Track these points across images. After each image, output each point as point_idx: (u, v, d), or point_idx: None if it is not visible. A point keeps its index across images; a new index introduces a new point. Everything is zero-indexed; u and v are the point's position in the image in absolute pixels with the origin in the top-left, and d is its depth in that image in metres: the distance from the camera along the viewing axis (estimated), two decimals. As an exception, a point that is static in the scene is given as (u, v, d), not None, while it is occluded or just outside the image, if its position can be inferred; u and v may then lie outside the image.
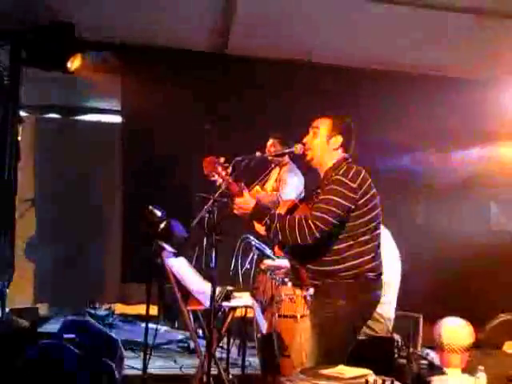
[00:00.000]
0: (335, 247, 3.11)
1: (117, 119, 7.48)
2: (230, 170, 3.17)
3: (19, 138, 6.29)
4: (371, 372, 2.77)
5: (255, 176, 5.21)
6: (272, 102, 6.40)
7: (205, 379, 3.51)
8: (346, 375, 2.71)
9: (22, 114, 6.72)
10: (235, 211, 3.19)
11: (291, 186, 5.36)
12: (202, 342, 4.02)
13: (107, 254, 7.53)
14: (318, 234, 3.01)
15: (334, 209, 3.04)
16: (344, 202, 3.05)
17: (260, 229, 3.34)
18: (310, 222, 3.02)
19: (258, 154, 4.08)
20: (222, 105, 6.58)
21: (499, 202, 6.82)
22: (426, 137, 6.67)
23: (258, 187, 5.33)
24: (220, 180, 3.14)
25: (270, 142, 5.47)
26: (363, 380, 2.65)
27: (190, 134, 6.77)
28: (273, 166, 5.52)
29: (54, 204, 7.30)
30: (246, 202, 3.14)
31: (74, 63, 5.59)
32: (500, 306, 5.99)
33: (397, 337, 4.31)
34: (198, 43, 6.03)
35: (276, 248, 3.85)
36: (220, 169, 3.14)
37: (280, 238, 3.09)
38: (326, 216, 3.02)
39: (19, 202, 6.37)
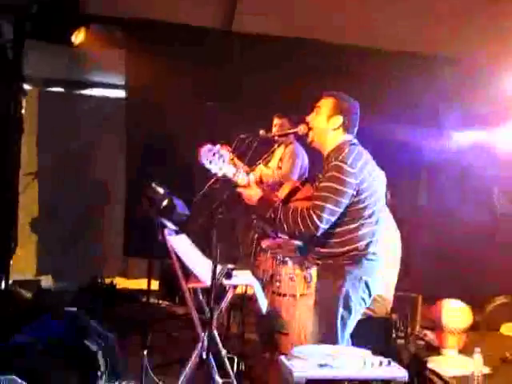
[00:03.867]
0: (337, 230, 3.12)
1: (120, 94, 7.45)
2: (229, 155, 3.16)
3: (23, 112, 6.28)
4: (369, 352, 2.81)
5: (260, 154, 5.19)
6: (277, 80, 6.36)
7: (204, 356, 3.56)
8: (342, 354, 2.74)
9: (26, 87, 6.70)
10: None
11: (294, 165, 5.36)
12: (203, 319, 4.05)
13: (109, 228, 7.56)
14: (322, 224, 3.02)
15: (335, 196, 3.03)
16: (344, 189, 3.03)
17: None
18: (311, 211, 3.02)
19: (261, 132, 4.07)
20: (226, 82, 6.54)
21: (501, 185, 6.81)
22: (430, 118, 6.65)
23: (261, 165, 5.32)
24: (216, 168, 3.13)
25: (275, 121, 5.46)
26: (361, 359, 2.68)
27: (193, 110, 6.75)
28: (277, 145, 5.50)
29: (57, 178, 7.31)
30: (252, 194, 3.18)
31: (78, 37, 5.56)
32: (499, 289, 6.04)
33: (395, 317, 4.35)
34: (203, 19, 5.98)
35: None
36: (217, 157, 3.11)
37: (285, 229, 3.11)
38: (326, 204, 3.02)
39: (22, 175, 6.37)
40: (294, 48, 6.37)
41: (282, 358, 2.79)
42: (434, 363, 4.32)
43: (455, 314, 4.79)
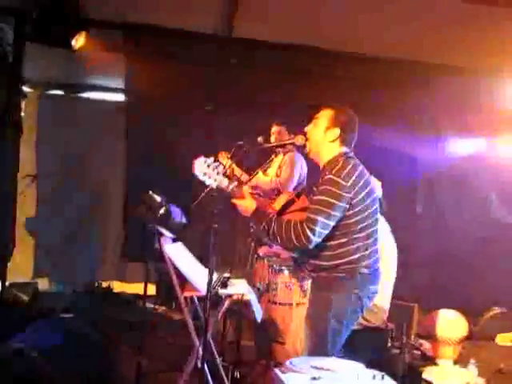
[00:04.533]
0: (330, 243, 3.12)
1: (119, 97, 7.46)
2: (226, 162, 3.17)
3: (22, 114, 6.29)
4: (362, 365, 2.80)
5: (258, 160, 5.20)
6: (276, 86, 6.37)
7: (199, 364, 3.56)
8: (336, 368, 2.74)
9: (25, 89, 6.70)
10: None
11: (293, 173, 5.36)
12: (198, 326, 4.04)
13: (107, 231, 7.55)
14: (315, 237, 3.03)
15: (328, 210, 3.03)
16: (337, 203, 3.04)
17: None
18: (304, 225, 3.03)
19: (259, 139, 4.07)
20: (225, 87, 6.55)
21: (499, 194, 6.81)
22: (426, 126, 6.65)
23: (260, 173, 5.32)
24: (210, 181, 3.14)
25: (274, 129, 5.45)
26: (355, 373, 2.68)
27: (192, 115, 6.77)
28: (274, 154, 5.50)
29: (56, 180, 7.31)
30: (247, 205, 3.19)
31: (79, 41, 5.55)
32: (494, 299, 6.05)
33: (391, 326, 4.34)
34: (203, 25, 5.98)
35: None
36: (211, 168, 3.13)
37: (279, 242, 3.13)
38: (319, 218, 3.02)
39: (21, 177, 6.37)
40: (294, 55, 6.36)
41: (277, 370, 2.79)
42: (428, 374, 4.31)
43: (451, 324, 4.80)
